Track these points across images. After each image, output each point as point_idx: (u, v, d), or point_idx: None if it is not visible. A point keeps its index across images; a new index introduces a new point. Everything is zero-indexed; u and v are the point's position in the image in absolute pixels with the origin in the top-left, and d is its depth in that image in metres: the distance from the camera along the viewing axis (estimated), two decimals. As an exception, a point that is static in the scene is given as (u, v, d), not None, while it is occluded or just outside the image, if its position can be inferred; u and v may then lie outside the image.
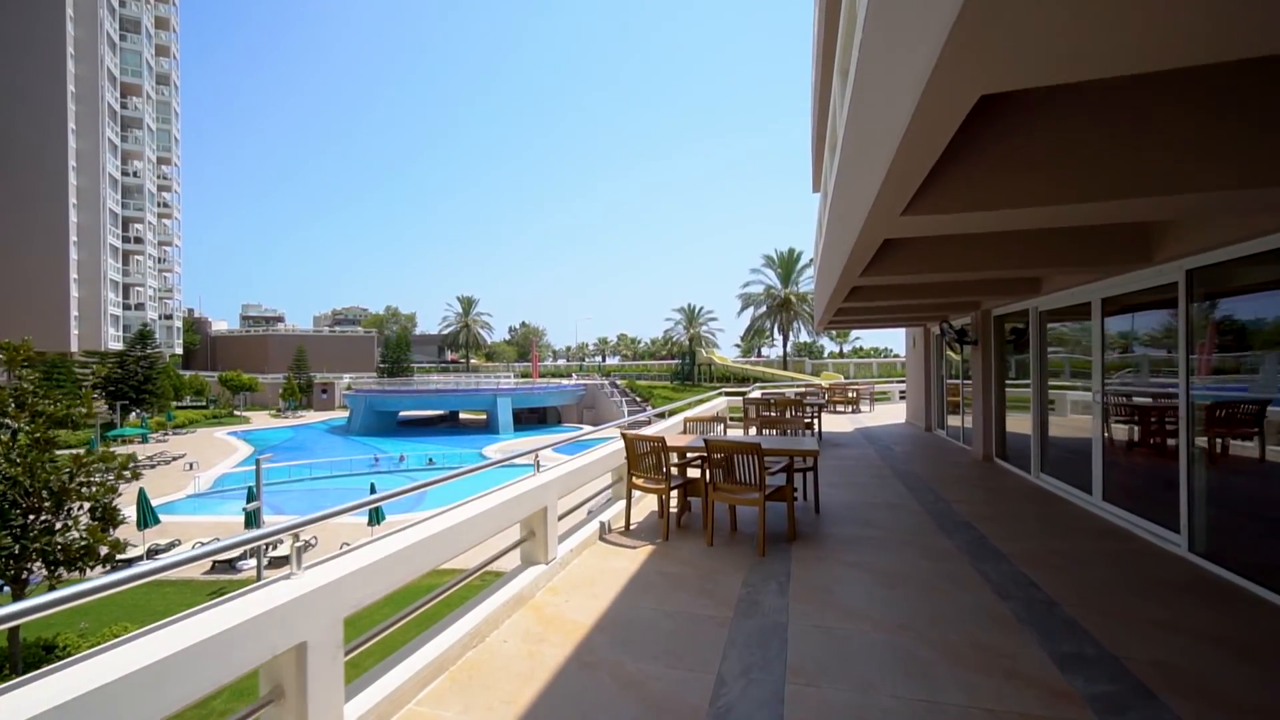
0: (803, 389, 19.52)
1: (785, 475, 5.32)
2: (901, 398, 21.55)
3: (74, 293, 47.53)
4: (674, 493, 5.54)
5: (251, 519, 15.78)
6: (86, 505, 8.81)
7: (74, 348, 46.63)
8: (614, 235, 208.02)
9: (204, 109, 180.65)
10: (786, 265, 50.69)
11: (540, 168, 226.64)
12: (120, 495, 9.59)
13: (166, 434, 43.41)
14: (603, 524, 5.29)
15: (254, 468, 31.49)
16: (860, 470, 8.46)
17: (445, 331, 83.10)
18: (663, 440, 5.16)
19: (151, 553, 16.36)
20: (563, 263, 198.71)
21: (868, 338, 75.30)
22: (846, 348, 69.89)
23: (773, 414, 11.12)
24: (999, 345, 8.95)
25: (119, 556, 8.96)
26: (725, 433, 7.03)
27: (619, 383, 56.85)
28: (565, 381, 58.44)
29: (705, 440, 4.94)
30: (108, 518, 8.87)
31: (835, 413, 18.04)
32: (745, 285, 52.59)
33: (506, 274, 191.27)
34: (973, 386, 9.51)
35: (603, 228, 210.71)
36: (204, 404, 57.00)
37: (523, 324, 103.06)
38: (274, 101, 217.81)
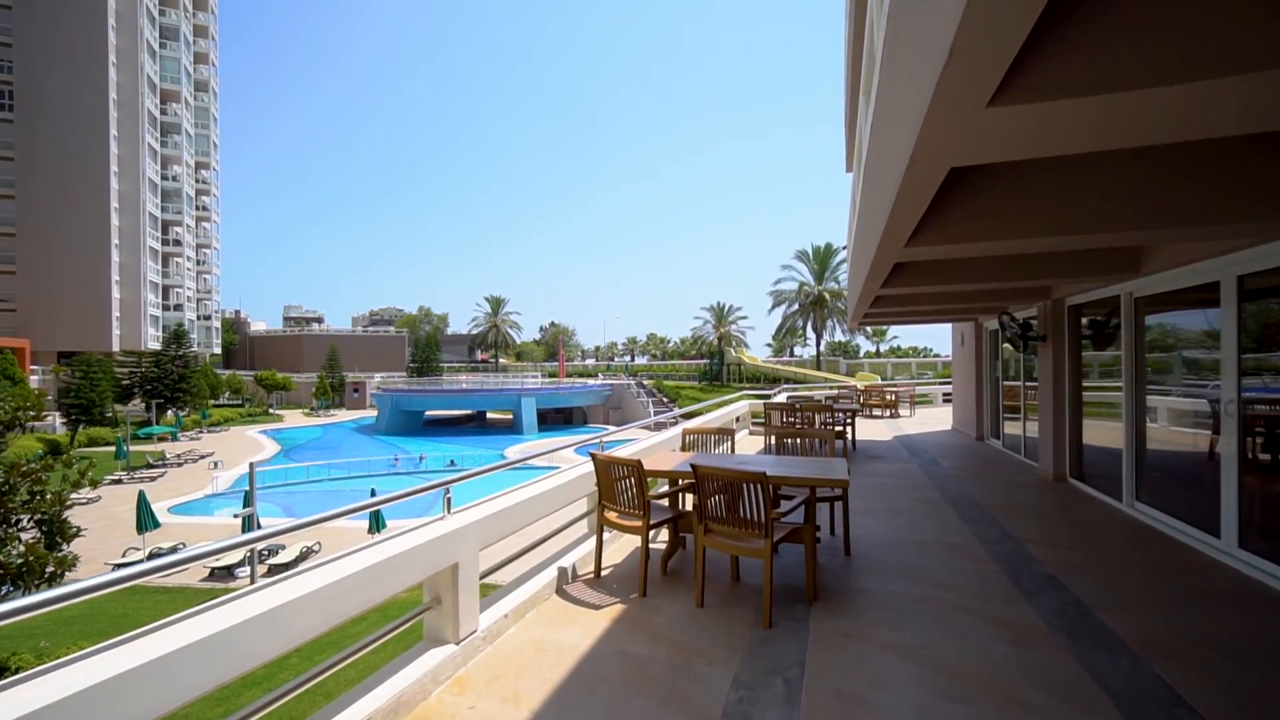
0: (836, 391, 17.97)
1: (805, 509, 4.02)
2: (945, 401, 19.74)
3: (115, 294, 48.84)
4: (662, 529, 4.30)
5: (246, 525, 15.11)
6: (33, 517, 8.06)
7: (115, 347, 47.89)
8: (645, 233, 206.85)
9: (249, 109, 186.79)
10: (820, 260, 48.68)
11: (572, 166, 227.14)
12: (70, 507, 8.82)
13: (200, 432, 44.10)
14: (563, 570, 4.07)
15: (279, 467, 31.52)
16: (902, 491, 7.04)
17: (475, 331, 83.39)
18: (638, 464, 3.90)
19: (153, 557, 15.87)
20: (593, 263, 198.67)
21: (906, 336, 72.39)
22: (883, 347, 67.13)
23: (797, 421, 9.73)
24: (1074, 341, 7.39)
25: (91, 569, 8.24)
26: (733, 448, 5.73)
27: (646, 383, 55.71)
28: (591, 381, 57.53)
29: (694, 466, 3.67)
30: (58, 532, 8.11)
31: (871, 417, 16.44)
32: (777, 282, 50.83)
33: (538, 274, 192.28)
34: (1039, 390, 7.96)
35: (634, 226, 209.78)
36: (239, 402, 58.08)
37: (552, 324, 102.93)
38: (315, 104, 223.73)
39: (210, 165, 64.47)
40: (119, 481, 26.99)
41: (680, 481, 4.48)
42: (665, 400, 49.28)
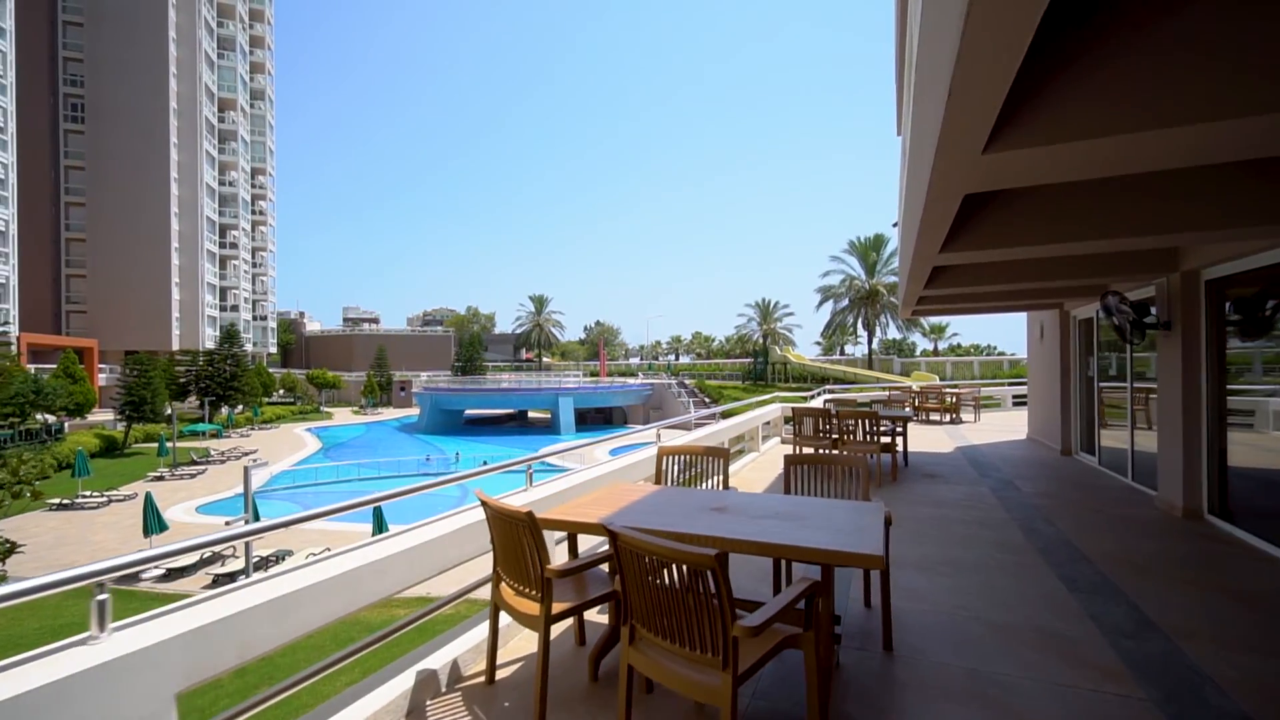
0: (887, 392, 15.91)
1: (810, 598, 2.42)
2: (1017, 404, 17.31)
3: (175, 295, 50.98)
4: (593, 610, 2.78)
5: (250, 531, 14.44)
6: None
7: (175, 346, 49.93)
8: (693, 230, 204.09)
9: (313, 114, 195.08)
10: (871, 251, 45.74)
11: (621, 165, 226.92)
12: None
13: (251, 429, 45.27)
14: (425, 676, 2.61)
15: (309, 466, 31.57)
16: (970, 530, 5.26)
17: (518, 331, 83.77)
18: (529, 518, 2.40)
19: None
20: (640, 261, 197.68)
21: (968, 332, 67.95)
22: (942, 345, 63.05)
23: (832, 431, 8.01)
24: (1214, 329, 5.42)
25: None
26: (726, 480, 4.13)
27: (688, 382, 54.00)
28: (631, 381, 56.31)
29: (610, 532, 2.13)
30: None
31: (927, 422, 14.36)
32: (824, 275, 48.16)
33: (584, 273, 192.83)
34: (1160, 395, 5.98)
35: (682, 223, 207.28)
36: (292, 400, 59.77)
37: (597, 323, 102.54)
38: (377, 108, 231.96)
39: (266, 171, 66.74)
40: (161, 478, 27.43)
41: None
42: (707, 400, 47.52)
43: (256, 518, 14.19)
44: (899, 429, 8.58)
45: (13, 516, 21.52)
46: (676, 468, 4.13)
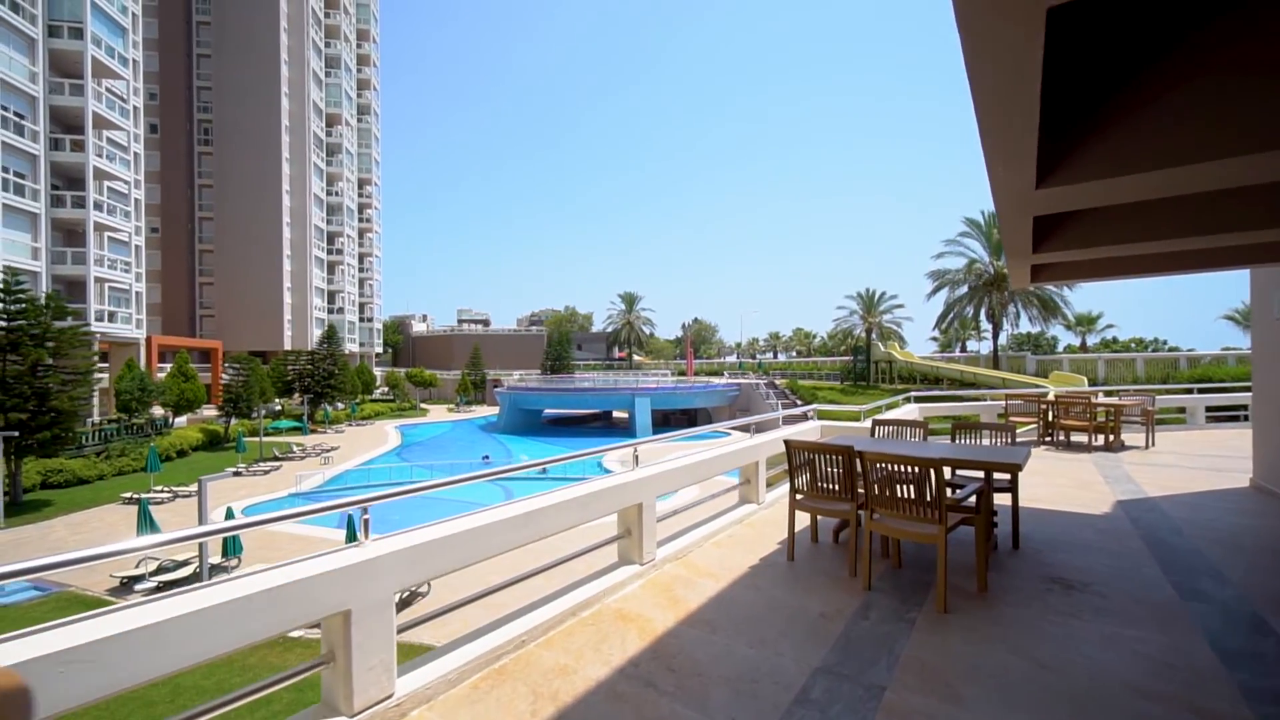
0: (1006, 399, 11.36)
1: None
2: (1213, 420, 11.96)
3: (286, 299, 54.70)
4: None
5: (230, 543, 13.12)
6: None
7: (287, 346, 53.54)
8: (800, 220, 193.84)
9: (440, 126, 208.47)
10: (995, 228, 38.49)
11: (730, 157, 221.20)
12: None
13: (349, 424, 47.25)
14: None
15: (368, 468, 31.34)
16: None
17: (609, 329, 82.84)
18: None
19: (161, 570, 14.67)
20: (742, 256, 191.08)
21: (1127, 325, 56.65)
22: (1092, 339, 52.84)
23: (863, 482, 4.46)
24: None
25: None
26: None
27: (779, 383, 49.32)
28: (716, 381, 52.51)
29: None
30: None
31: (1066, 445, 9.86)
32: (938, 256, 41.42)
33: (684, 270, 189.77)
34: None
35: (788, 213, 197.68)
36: (391, 398, 62.49)
37: (695, 320, 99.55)
38: (472, 116, 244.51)
39: (372, 180, 70.64)
40: (238, 474, 28.19)
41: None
42: (799, 402, 42.80)
43: (232, 542, 12.79)
44: (1009, 471, 4.81)
45: (87, 509, 22.68)
46: None
